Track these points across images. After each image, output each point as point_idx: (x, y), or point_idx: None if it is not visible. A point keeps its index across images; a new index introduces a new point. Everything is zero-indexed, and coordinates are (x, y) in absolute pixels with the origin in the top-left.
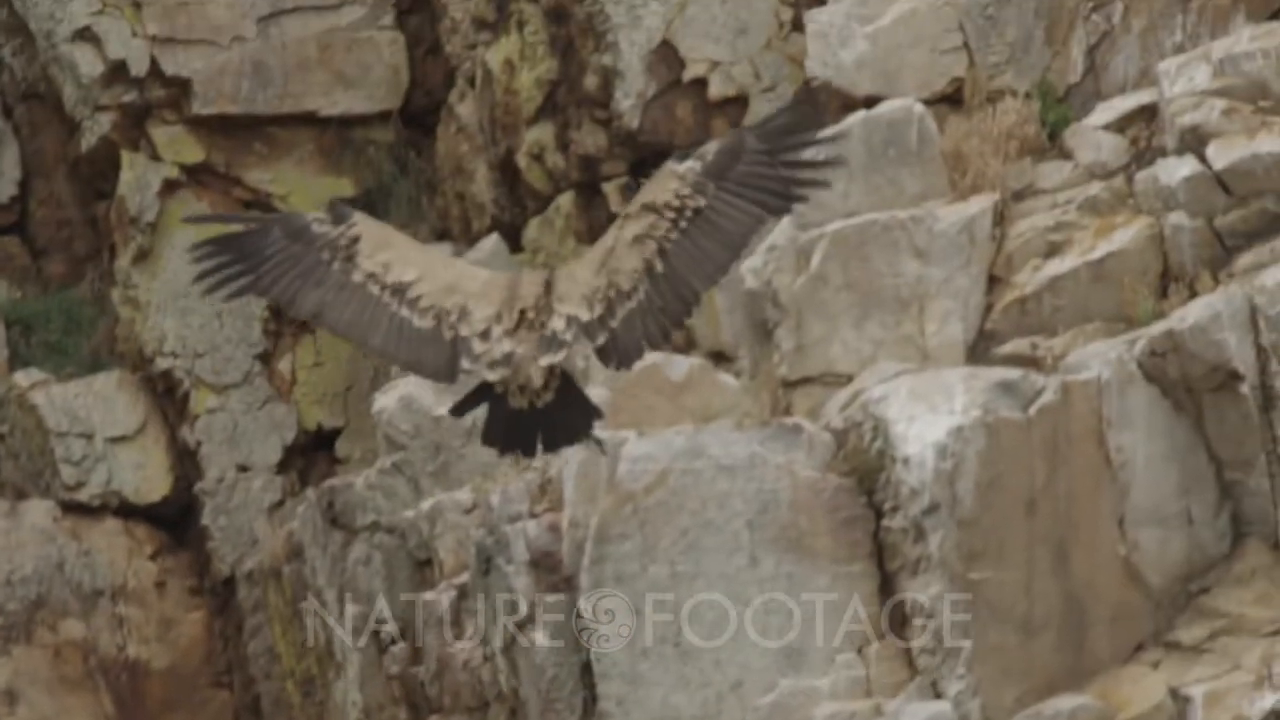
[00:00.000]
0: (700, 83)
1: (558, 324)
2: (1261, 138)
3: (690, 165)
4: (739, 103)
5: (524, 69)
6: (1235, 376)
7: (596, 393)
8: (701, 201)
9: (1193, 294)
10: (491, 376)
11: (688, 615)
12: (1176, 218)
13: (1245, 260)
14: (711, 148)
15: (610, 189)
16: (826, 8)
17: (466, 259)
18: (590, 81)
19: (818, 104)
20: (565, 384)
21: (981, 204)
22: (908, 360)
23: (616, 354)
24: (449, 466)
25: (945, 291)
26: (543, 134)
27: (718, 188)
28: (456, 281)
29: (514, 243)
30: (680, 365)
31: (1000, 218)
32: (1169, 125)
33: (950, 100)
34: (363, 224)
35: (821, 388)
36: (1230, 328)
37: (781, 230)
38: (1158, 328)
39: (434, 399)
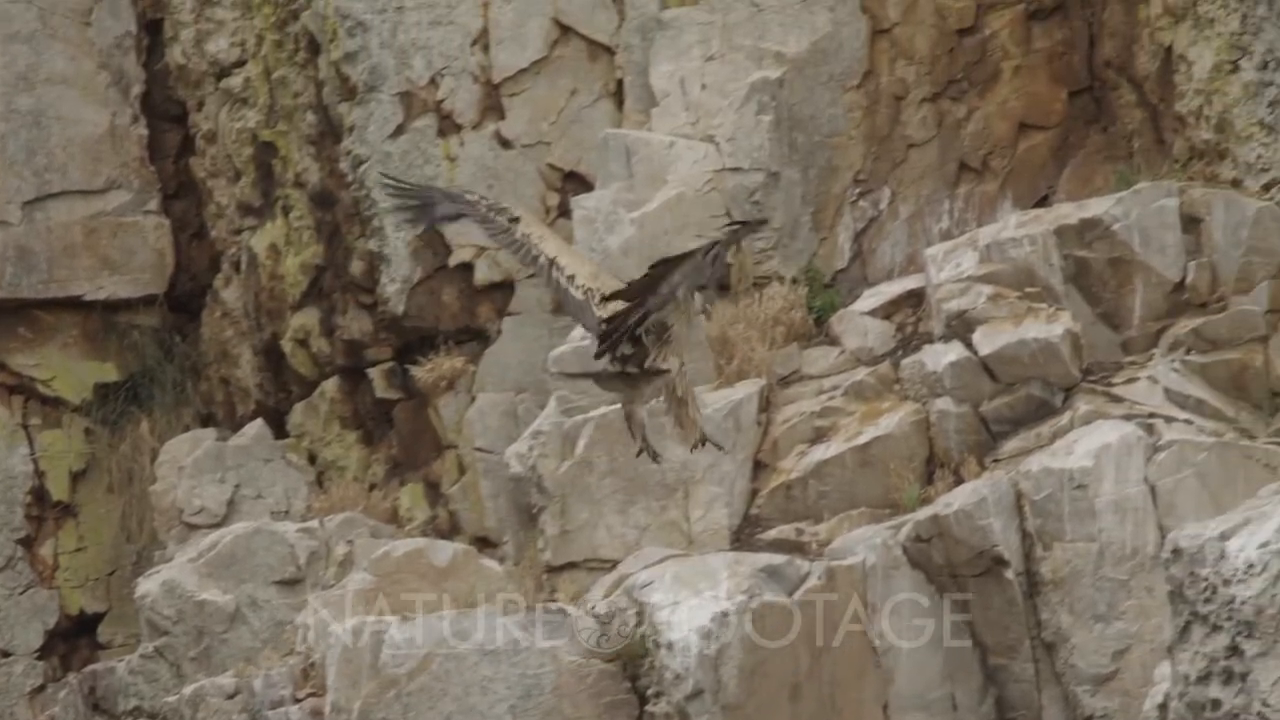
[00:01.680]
0: (466, 268)
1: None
2: (1027, 324)
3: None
4: (505, 288)
5: (289, 254)
6: (1000, 562)
7: (359, 578)
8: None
9: (958, 480)
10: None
11: None
12: (943, 403)
13: (1011, 446)
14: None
15: (376, 374)
16: (593, 193)
17: (231, 445)
18: (356, 266)
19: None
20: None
21: (748, 389)
22: (673, 545)
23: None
24: (211, 651)
25: (711, 477)
26: (308, 319)
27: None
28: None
29: (278, 428)
30: (444, 550)
31: (766, 403)
32: (935, 311)
33: (717, 286)
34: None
35: (586, 573)
36: (995, 513)
37: (547, 415)
38: (923, 513)
39: (197, 584)
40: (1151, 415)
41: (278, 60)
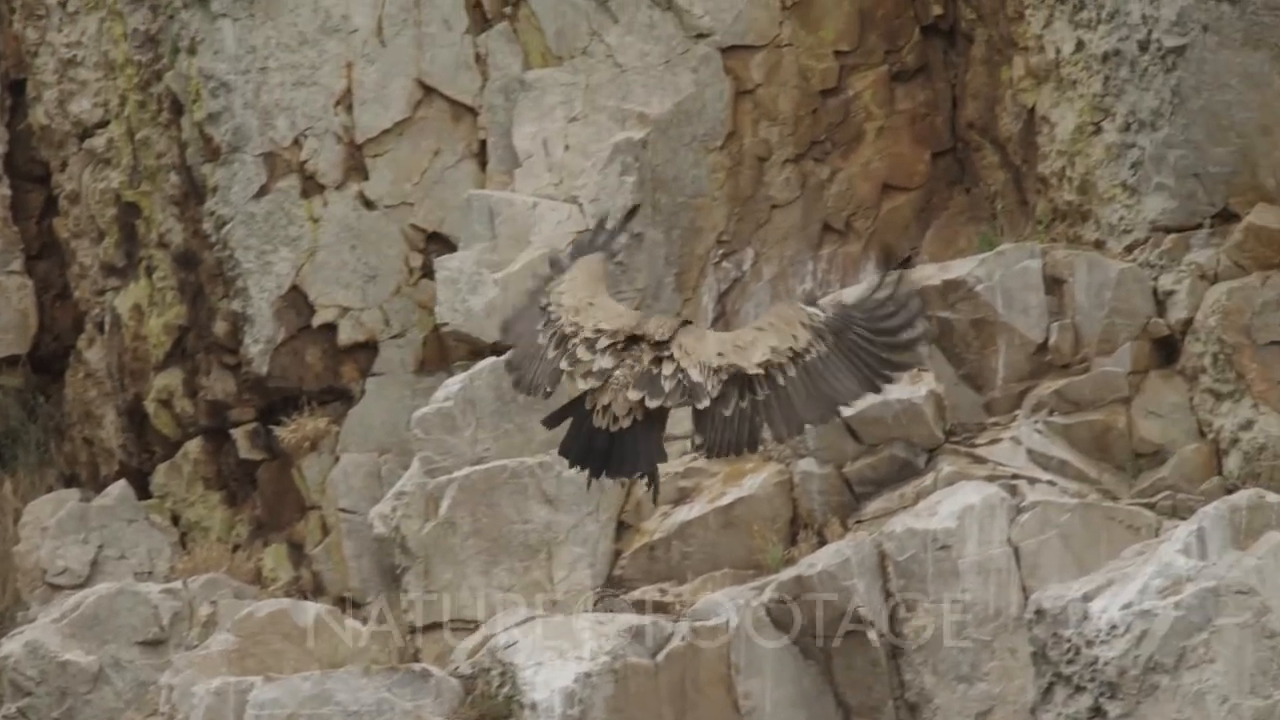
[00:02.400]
0: (330, 328)
1: (667, 368)
2: (890, 385)
3: (814, 311)
4: (368, 348)
5: (153, 314)
6: (863, 623)
7: (222, 638)
8: (822, 349)
9: (822, 540)
10: (582, 385)
11: None
12: (806, 464)
13: (874, 507)
14: (825, 304)
15: (239, 434)
16: (456, 254)
17: (94, 505)
18: (219, 327)
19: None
20: (646, 421)
21: None
22: (537, 606)
23: (710, 434)
24: (75, 712)
25: (574, 538)
26: (171, 379)
27: (836, 342)
28: (594, 304)
29: (142, 489)
30: (308, 611)
31: None
32: None
33: None
34: (577, 267)
35: (450, 633)
36: (859, 575)
37: (410, 476)
38: (786, 574)
39: (60, 644)
40: (1015, 476)
41: (141, 121)
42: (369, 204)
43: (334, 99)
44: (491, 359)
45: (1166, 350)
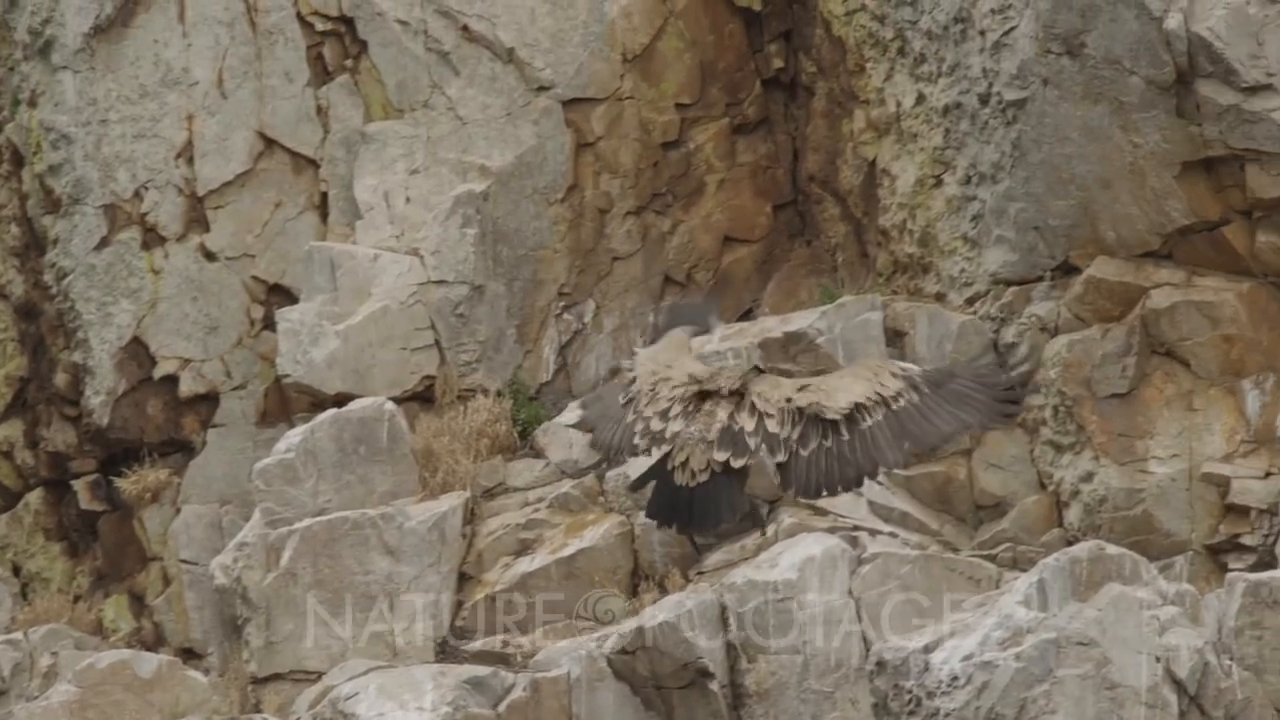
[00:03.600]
0: (171, 380)
1: (747, 422)
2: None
3: (909, 365)
4: (210, 400)
5: None
6: (705, 674)
7: (63, 689)
8: (914, 398)
9: (663, 592)
10: (656, 453)
11: None
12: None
13: (715, 558)
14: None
15: (80, 486)
16: (298, 306)
17: None
18: (60, 378)
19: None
20: (725, 473)
21: (452, 502)
22: (378, 657)
23: (795, 480)
24: None
25: (416, 588)
26: (12, 430)
27: (933, 392)
28: (671, 368)
29: None
30: (150, 662)
31: (471, 515)
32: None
33: (422, 398)
34: (664, 341)
35: (291, 684)
36: (700, 626)
37: (252, 527)
38: (628, 626)
39: None
40: (856, 528)
41: None
42: (210, 256)
43: (175, 151)
44: (333, 411)
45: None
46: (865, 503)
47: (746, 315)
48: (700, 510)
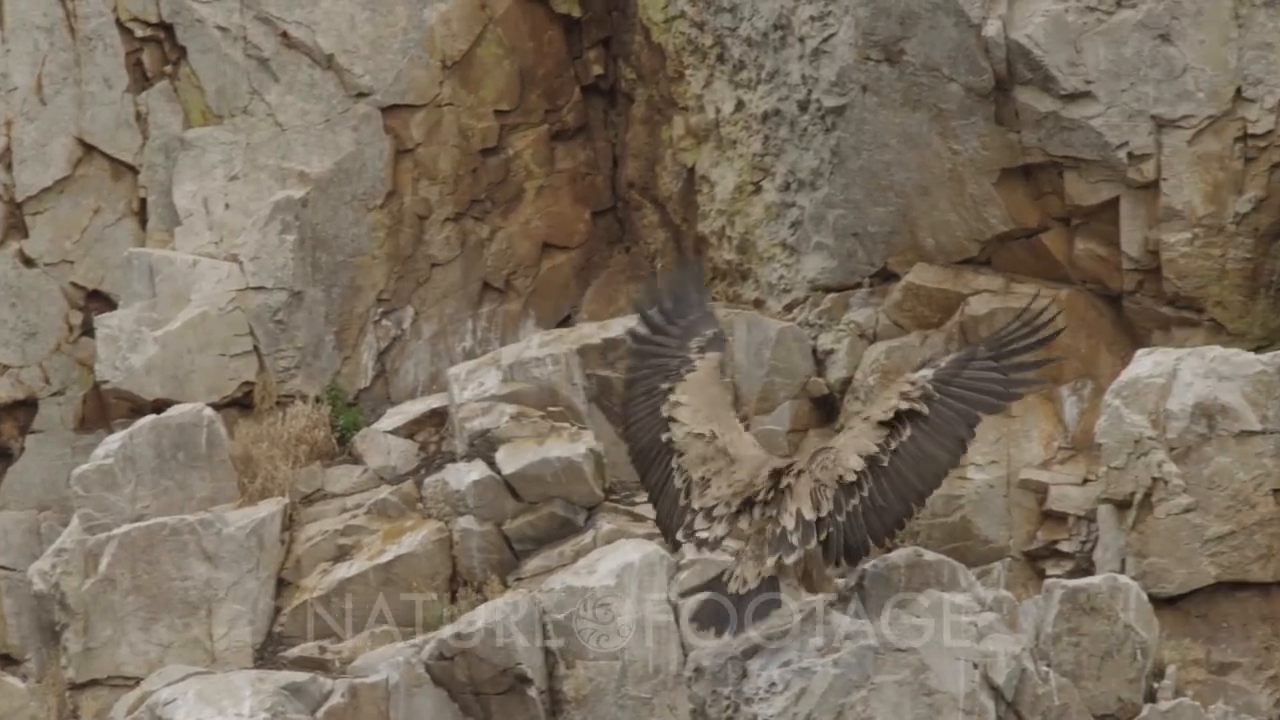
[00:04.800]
0: None
1: (788, 521)
2: (550, 443)
3: (924, 374)
4: (28, 405)
5: None
6: (523, 680)
7: None
8: (925, 409)
9: (482, 598)
10: (694, 554)
11: None
12: (466, 522)
13: (534, 564)
14: (947, 358)
15: None
16: (116, 312)
17: None
18: None
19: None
20: (772, 578)
21: (270, 508)
22: (196, 663)
23: (843, 550)
24: None
25: (234, 595)
26: None
27: (941, 395)
28: (720, 450)
29: None
30: None
31: (290, 521)
32: (458, 430)
33: (240, 404)
34: (700, 370)
35: (109, 690)
36: (518, 632)
37: (70, 533)
38: (446, 631)
39: None
40: None
41: None
42: (29, 262)
43: None
44: (152, 417)
45: (826, 409)
46: None
47: (565, 321)
48: (748, 615)
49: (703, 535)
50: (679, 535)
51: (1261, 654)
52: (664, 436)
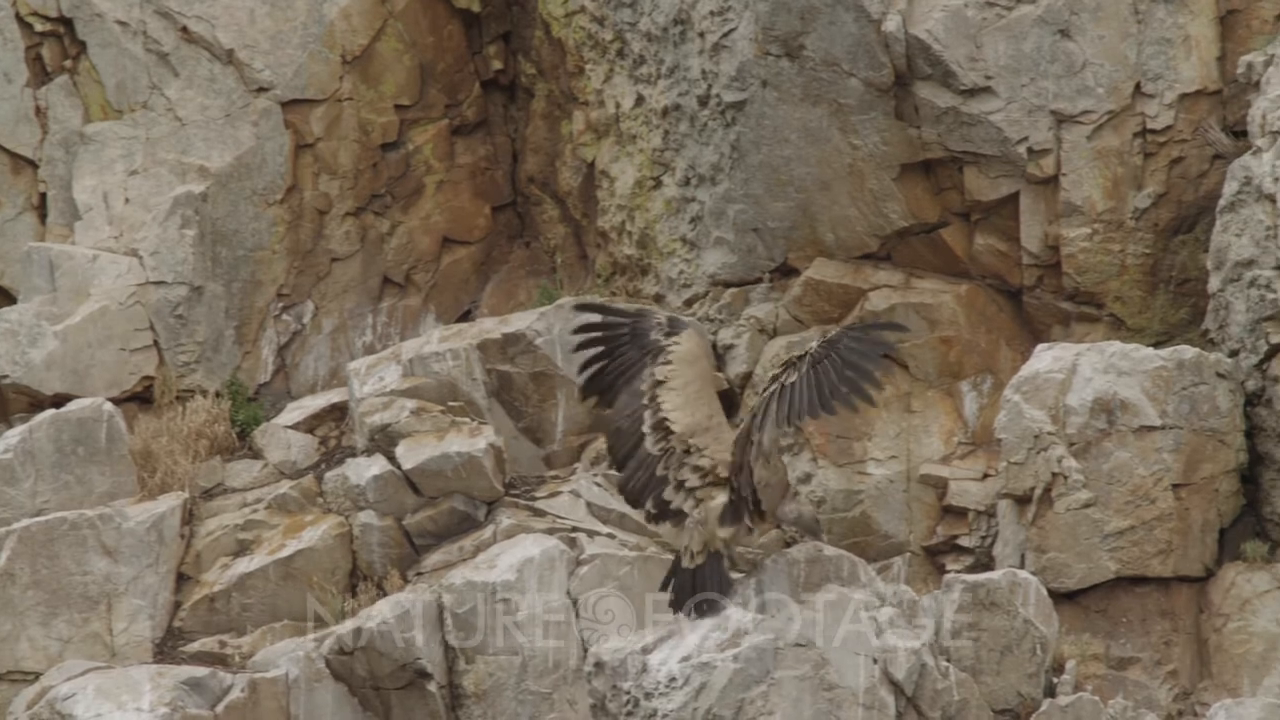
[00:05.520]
0: None
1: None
2: (450, 438)
3: (812, 344)
4: None
5: None
6: (423, 675)
7: None
8: (792, 378)
9: (382, 593)
10: (654, 526)
11: None
12: (366, 517)
13: (434, 559)
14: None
15: None
16: (16, 306)
17: None
18: None
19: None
20: (715, 554)
21: (171, 502)
22: (96, 658)
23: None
24: None
25: (134, 589)
26: None
27: (810, 370)
28: (702, 424)
29: None
30: None
31: (190, 516)
32: (358, 425)
33: (140, 399)
34: (684, 344)
35: (8, 685)
36: (418, 627)
37: None
38: (346, 626)
39: None
40: (574, 529)
41: None
42: None
43: None
44: (51, 411)
45: (726, 403)
46: (583, 504)
47: (465, 316)
48: (700, 590)
49: (673, 506)
50: (648, 504)
51: (1160, 649)
52: (645, 412)
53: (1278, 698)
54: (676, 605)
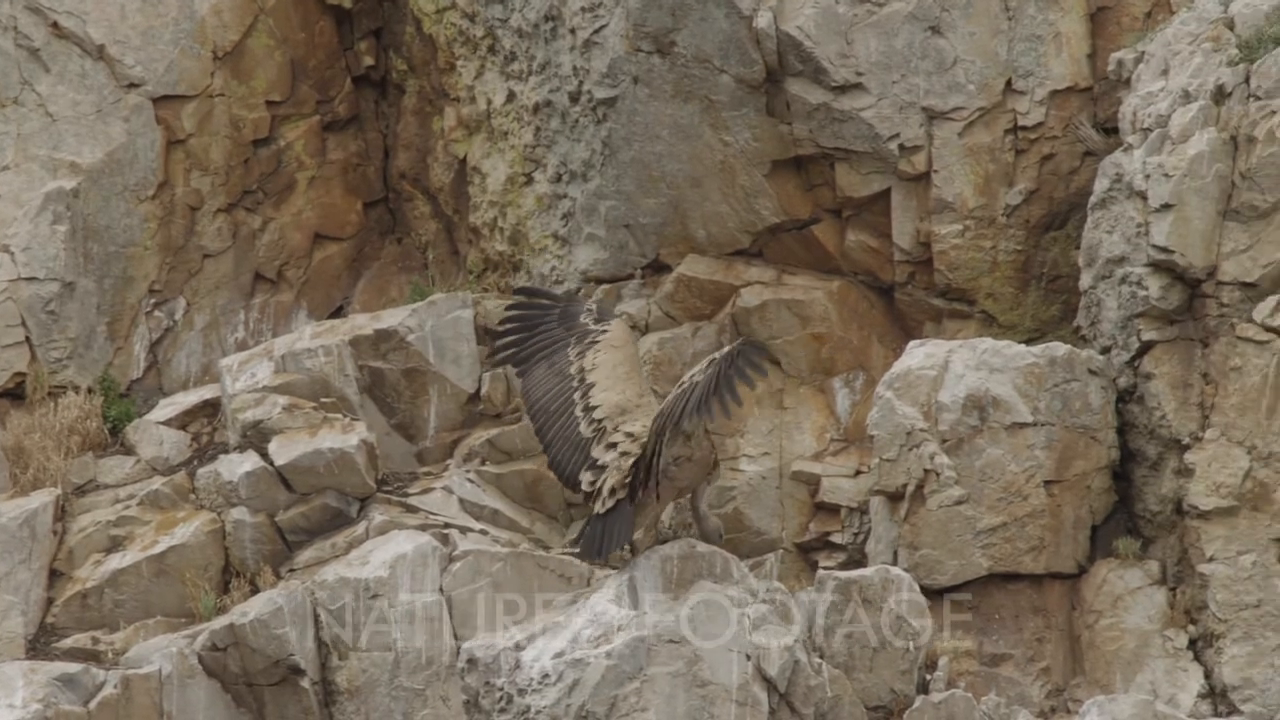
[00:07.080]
0: None
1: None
2: (323, 434)
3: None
4: None
5: None
6: (296, 671)
7: None
8: (699, 377)
9: (255, 589)
10: (585, 484)
11: None
12: (238, 513)
13: (307, 555)
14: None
15: None
16: None
17: None
18: None
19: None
20: (621, 502)
21: (43, 499)
22: None
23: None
24: None
25: (6, 586)
26: None
27: (709, 366)
28: (632, 401)
29: None
30: None
31: (62, 512)
32: (231, 421)
33: (12, 395)
34: (614, 331)
35: None
36: (291, 623)
37: None
38: (219, 622)
39: None
40: (447, 525)
41: None
42: None
43: None
44: None
45: None
46: (456, 500)
47: (338, 312)
48: (606, 536)
49: (600, 463)
50: (581, 477)
51: (1033, 645)
52: (575, 394)
53: (1149, 694)
54: (585, 553)
